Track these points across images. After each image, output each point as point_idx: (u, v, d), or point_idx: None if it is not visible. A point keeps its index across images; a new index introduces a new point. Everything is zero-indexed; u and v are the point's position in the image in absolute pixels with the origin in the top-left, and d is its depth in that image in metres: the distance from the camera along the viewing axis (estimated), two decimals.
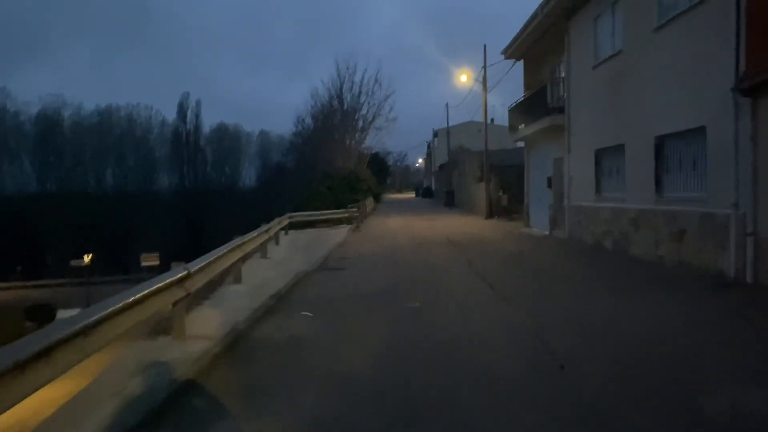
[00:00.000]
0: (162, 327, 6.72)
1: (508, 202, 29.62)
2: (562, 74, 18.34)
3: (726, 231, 9.27)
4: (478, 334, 6.71)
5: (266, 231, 13.86)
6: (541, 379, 5.04)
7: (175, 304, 6.34)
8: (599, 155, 15.01)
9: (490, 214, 28.67)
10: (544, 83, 19.06)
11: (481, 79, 29.04)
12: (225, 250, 8.93)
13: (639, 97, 12.46)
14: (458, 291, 9.73)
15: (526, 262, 13.06)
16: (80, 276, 54.60)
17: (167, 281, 6.05)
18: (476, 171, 35.65)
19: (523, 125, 21.86)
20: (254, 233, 12.32)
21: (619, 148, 13.65)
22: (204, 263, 7.38)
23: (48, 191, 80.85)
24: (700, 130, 10.22)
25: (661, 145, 11.68)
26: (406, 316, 7.89)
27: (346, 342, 6.61)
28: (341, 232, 23.05)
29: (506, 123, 51.81)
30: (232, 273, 10.44)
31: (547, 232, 19.13)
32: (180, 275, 6.42)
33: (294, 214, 22.02)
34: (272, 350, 6.37)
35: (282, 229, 20.91)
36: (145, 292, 5.41)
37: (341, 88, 38.57)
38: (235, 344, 6.56)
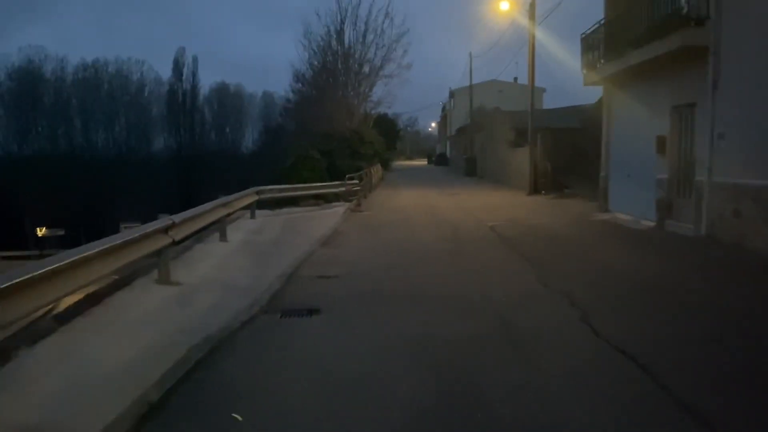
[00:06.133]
0: None
1: (552, 173, 22.57)
2: None
3: None
4: None
5: (147, 236, 6.73)
6: None
7: None
8: None
9: (535, 189, 21.68)
10: None
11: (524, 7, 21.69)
12: None
13: None
14: None
15: (716, 315, 6.09)
16: (57, 246, 48.42)
17: None
18: (509, 134, 28.73)
19: (602, 61, 14.78)
20: (98, 246, 5.36)
21: None
22: None
23: (26, 154, 74.12)
24: None
25: None
26: None
27: None
28: (334, 213, 16.21)
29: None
30: None
31: (651, 224, 12.18)
32: None
33: (264, 188, 15.13)
34: None
35: (246, 207, 14.16)
36: None
37: (342, 24, 30.79)
38: None
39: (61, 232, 53.38)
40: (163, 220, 7.04)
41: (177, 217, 7.29)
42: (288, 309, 6.61)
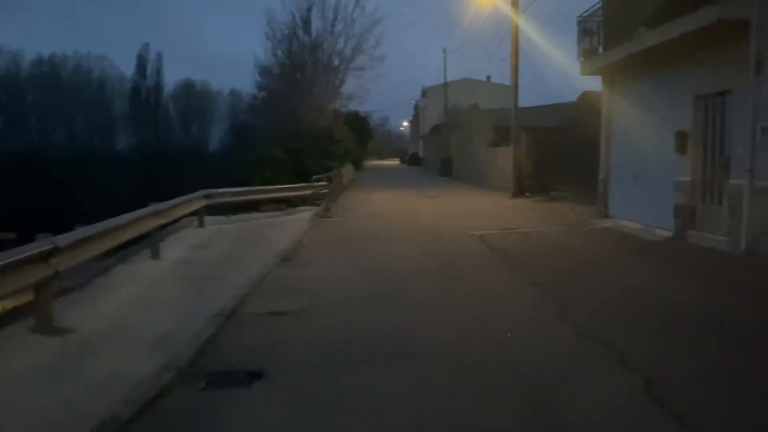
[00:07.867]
0: None
1: (534, 174, 20.73)
2: None
3: None
4: None
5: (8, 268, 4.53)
6: None
7: None
8: None
9: (520, 191, 19.90)
10: None
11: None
12: None
13: None
14: None
15: None
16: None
17: None
18: (488, 133, 27.08)
19: (600, 48, 13.08)
20: None
21: None
22: None
23: None
24: None
25: None
26: None
27: None
28: (299, 220, 14.12)
29: (504, 81, 42.49)
30: None
31: (667, 233, 10.40)
32: None
33: (214, 191, 12.96)
34: None
35: (193, 213, 12.04)
36: None
37: (309, 12, 28.60)
38: None
39: (13, 236, 49.66)
40: (40, 243, 4.91)
41: (62, 240, 5.15)
42: (217, 373, 4.57)
